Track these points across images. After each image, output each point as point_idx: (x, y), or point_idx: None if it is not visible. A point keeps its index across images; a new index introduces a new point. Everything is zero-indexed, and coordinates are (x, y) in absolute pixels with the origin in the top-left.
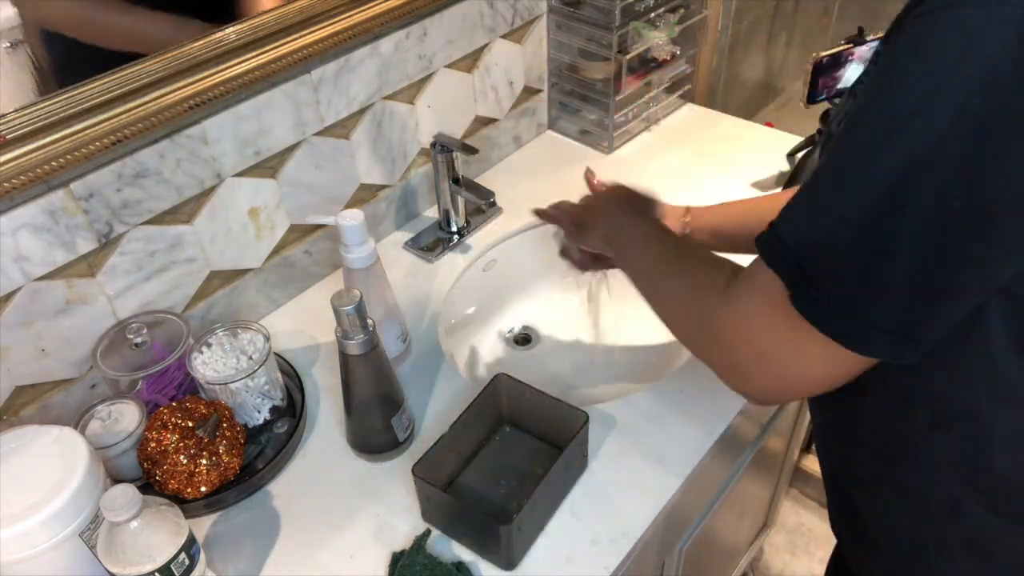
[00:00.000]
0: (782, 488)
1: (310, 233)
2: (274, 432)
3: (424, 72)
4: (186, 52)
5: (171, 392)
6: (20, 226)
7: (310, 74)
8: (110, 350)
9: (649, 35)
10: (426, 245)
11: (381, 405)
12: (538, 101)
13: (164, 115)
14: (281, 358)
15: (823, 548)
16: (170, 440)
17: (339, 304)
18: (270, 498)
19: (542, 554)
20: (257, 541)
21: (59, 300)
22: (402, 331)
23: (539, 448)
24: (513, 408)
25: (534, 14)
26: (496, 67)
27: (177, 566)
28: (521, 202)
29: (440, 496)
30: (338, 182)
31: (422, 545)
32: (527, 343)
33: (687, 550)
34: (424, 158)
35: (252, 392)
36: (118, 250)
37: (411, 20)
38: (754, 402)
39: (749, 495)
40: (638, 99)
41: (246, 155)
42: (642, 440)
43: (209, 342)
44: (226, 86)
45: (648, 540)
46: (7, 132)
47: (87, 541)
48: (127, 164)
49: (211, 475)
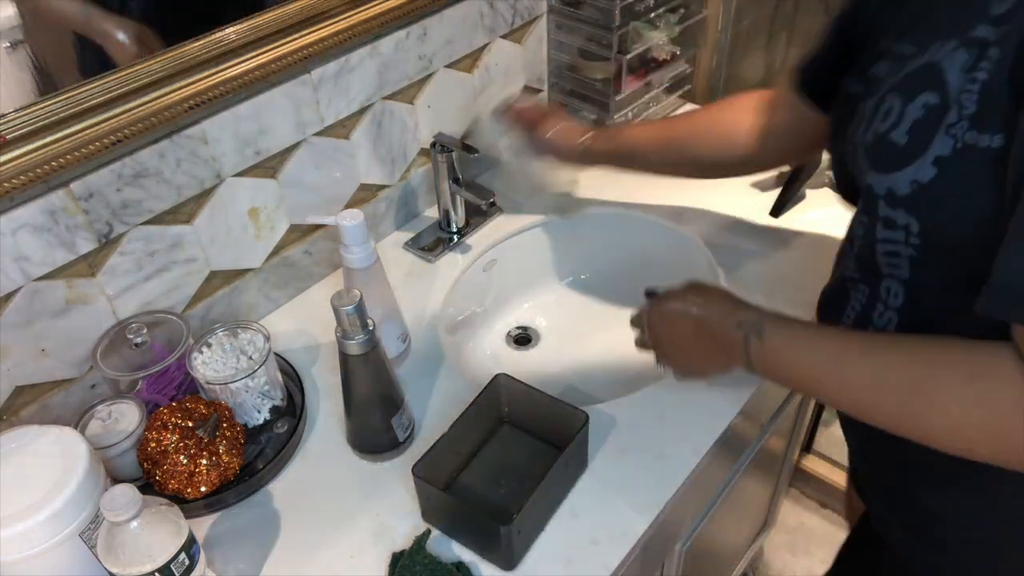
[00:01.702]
0: (782, 488)
1: (310, 233)
2: (274, 432)
3: (424, 72)
4: (186, 52)
5: (171, 392)
6: (20, 226)
7: (310, 74)
8: (110, 350)
9: (649, 35)
10: (426, 245)
11: (381, 405)
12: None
13: (164, 115)
14: (281, 358)
15: (823, 548)
16: (170, 440)
17: (339, 304)
18: (270, 498)
19: (542, 554)
20: (257, 541)
21: (59, 300)
22: (402, 331)
23: (539, 448)
24: (513, 408)
25: (534, 14)
26: (496, 67)
27: (177, 566)
28: (521, 202)
29: (440, 496)
30: (338, 182)
31: (422, 545)
32: (527, 343)
33: (687, 550)
34: (424, 158)
35: (252, 392)
36: (118, 250)
37: (411, 20)
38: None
39: (749, 495)
40: (638, 99)
41: (246, 155)
42: (642, 440)
43: (209, 342)
44: (226, 86)
45: (648, 540)
46: (7, 132)
47: (87, 541)
48: (127, 164)
49: (211, 475)
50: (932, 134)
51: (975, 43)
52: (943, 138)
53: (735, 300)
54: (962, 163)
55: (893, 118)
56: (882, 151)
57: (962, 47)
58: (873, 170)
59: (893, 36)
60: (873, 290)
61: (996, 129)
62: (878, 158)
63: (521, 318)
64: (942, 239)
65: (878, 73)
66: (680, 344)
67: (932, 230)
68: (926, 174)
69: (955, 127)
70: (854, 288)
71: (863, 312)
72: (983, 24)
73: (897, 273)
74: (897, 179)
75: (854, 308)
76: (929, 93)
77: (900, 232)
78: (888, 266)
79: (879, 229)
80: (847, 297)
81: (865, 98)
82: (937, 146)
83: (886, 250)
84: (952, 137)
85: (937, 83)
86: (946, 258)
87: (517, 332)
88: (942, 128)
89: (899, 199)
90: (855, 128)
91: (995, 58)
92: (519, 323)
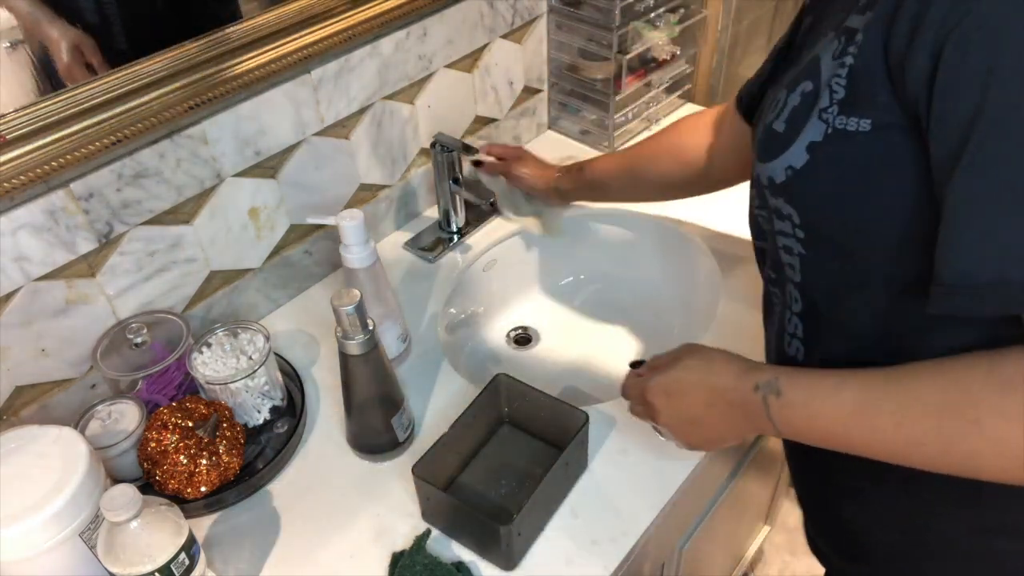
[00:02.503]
0: (782, 488)
1: (310, 233)
2: (274, 432)
3: (424, 72)
4: (186, 52)
5: (171, 392)
6: (20, 226)
7: (310, 74)
8: (110, 350)
9: (649, 35)
10: (426, 245)
11: (381, 405)
12: (538, 101)
13: (164, 115)
14: (281, 358)
15: None
16: (170, 440)
17: (339, 304)
18: (270, 498)
19: (542, 554)
20: (257, 541)
21: (59, 300)
22: (402, 331)
23: (539, 448)
24: (513, 408)
25: (534, 14)
26: (496, 67)
27: (177, 566)
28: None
29: (440, 496)
30: (338, 182)
31: (422, 545)
32: (527, 343)
33: (687, 550)
34: (424, 158)
35: (252, 392)
36: (118, 250)
37: (411, 20)
38: None
39: (749, 495)
40: (638, 99)
41: (246, 155)
42: (642, 440)
43: (209, 342)
44: (226, 86)
45: (648, 540)
46: (7, 132)
47: (87, 541)
48: (127, 164)
49: (211, 475)
50: (805, 120)
51: (844, 31)
52: (815, 123)
53: (743, 360)
54: (832, 148)
55: (777, 109)
56: (766, 140)
57: (835, 37)
58: (759, 160)
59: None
60: (784, 294)
61: (864, 114)
62: (764, 147)
63: (521, 318)
64: (820, 229)
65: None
66: (689, 416)
67: (810, 218)
68: (799, 159)
69: (826, 112)
70: (773, 294)
71: (781, 317)
72: (853, 14)
73: (791, 276)
74: (775, 167)
75: (775, 312)
76: (806, 81)
77: (787, 223)
78: (788, 267)
79: (774, 220)
80: (771, 302)
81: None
82: (810, 132)
83: (783, 244)
84: (824, 122)
85: (814, 72)
86: (830, 255)
87: (517, 332)
88: (815, 113)
89: (778, 187)
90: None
91: (860, 42)
92: (519, 323)
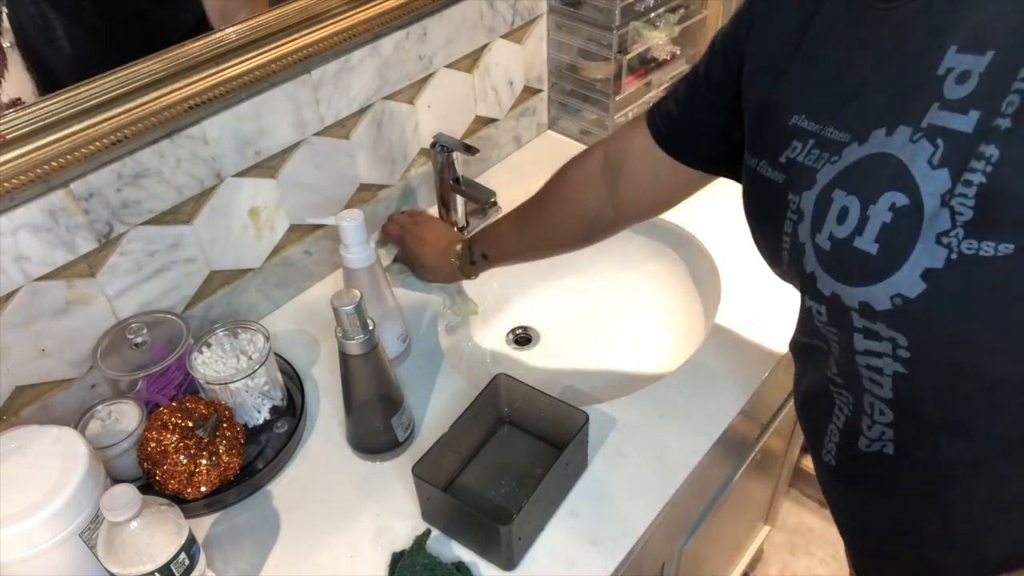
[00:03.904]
0: (782, 488)
1: (310, 233)
2: (274, 432)
3: (424, 72)
4: (186, 52)
5: (171, 392)
6: (20, 226)
7: (310, 74)
8: (110, 350)
9: (649, 35)
10: None
11: (381, 405)
12: (538, 101)
13: (164, 115)
14: (281, 358)
15: (823, 548)
16: (170, 440)
17: (339, 304)
18: (270, 498)
19: (542, 554)
20: (257, 541)
21: (59, 300)
22: (402, 331)
23: (539, 448)
24: (513, 408)
25: (534, 14)
26: (496, 67)
27: (177, 566)
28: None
29: (440, 496)
30: (338, 182)
31: (422, 545)
32: (527, 343)
33: (687, 550)
34: (424, 158)
35: (252, 392)
36: (118, 250)
37: (411, 20)
38: None
39: (749, 495)
40: (638, 99)
41: (246, 155)
42: (642, 440)
43: (209, 342)
44: (226, 86)
45: (648, 540)
46: (7, 132)
47: (87, 541)
48: (127, 164)
49: (211, 475)
50: (911, 241)
51: (940, 133)
52: (931, 248)
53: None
54: (960, 275)
55: (854, 222)
56: (847, 260)
57: (923, 137)
58: (839, 281)
59: (794, 110)
60: (858, 400)
61: (1004, 237)
62: (844, 269)
63: (521, 318)
64: (938, 355)
65: (797, 158)
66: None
67: (926, 345)
68: (912, 288)
69: (947, 235)
70: (838, 394)
71: (852, 418)
72: (943, 111)
73: (875, 390)
74: (873, 293)
75: (843, 412)
76: (893, 192)
77: (887, 344)
78: (870, 381)
79: (858, 339)
80: (832, 401)
81: (792, 190)
82: (922, 257)
83: (867, 363)
84: (945, 247)
85: (901, 180)
86: (944, 369)
87: (517, 332)
88: (925, 236)
89: (879, 314)
90: (795, 226)
91: (994, 160)
92: (519, 323)
